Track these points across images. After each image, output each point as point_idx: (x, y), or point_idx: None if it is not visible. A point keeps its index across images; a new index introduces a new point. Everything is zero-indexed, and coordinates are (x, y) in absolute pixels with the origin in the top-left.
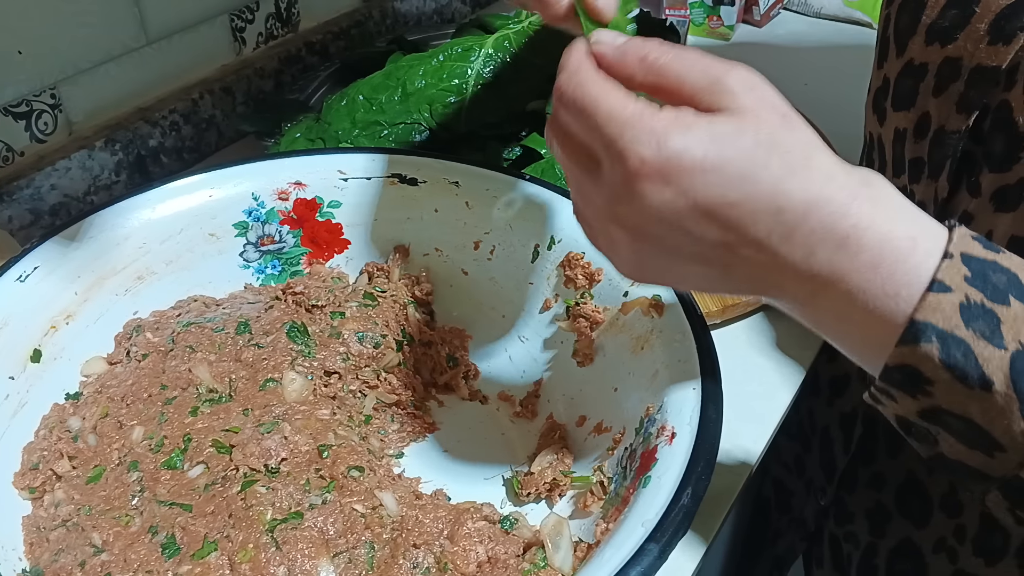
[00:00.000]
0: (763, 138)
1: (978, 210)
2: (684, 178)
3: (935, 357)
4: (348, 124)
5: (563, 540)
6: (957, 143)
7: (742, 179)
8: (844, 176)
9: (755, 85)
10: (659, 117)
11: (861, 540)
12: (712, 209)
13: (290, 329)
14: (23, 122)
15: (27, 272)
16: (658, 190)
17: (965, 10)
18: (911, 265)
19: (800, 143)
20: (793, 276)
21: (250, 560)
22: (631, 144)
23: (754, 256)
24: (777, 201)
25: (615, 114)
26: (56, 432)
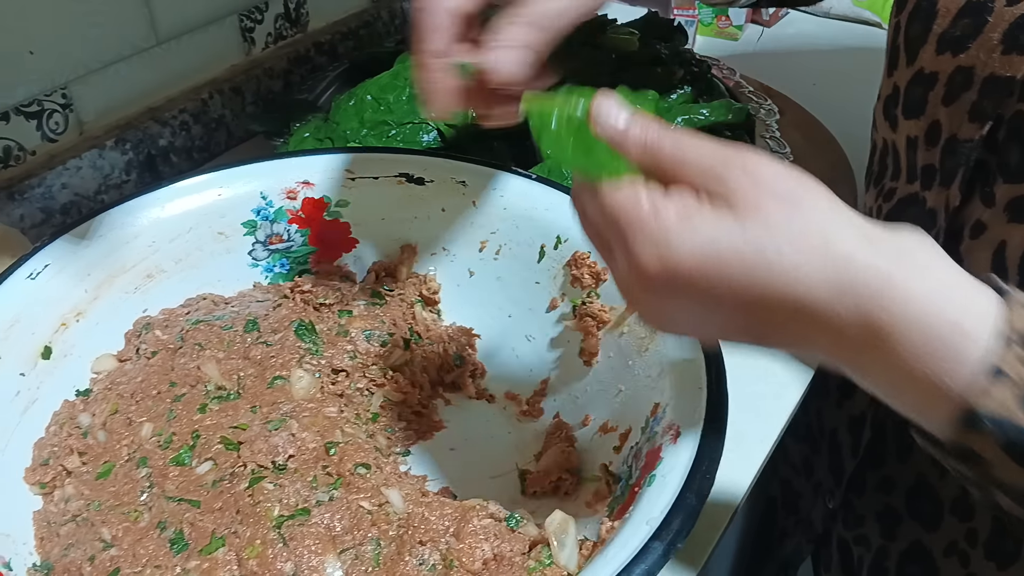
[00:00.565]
0: (770, 231)
1: (992, 220)
2: (687, 281)
3: (994, 443)
4: (356, 124)
5: (569, 538)
6: (970, 152)
7: (751, 276)
8: (872, 254)
9: (753, 171)
10: (660, 217)
11: (873, 543)
12: (723, 302)
13: (298, 327)
14: (34, 121)
15: (38, 270)
16: (669, 292)
17: (978, 20)
18: (960, 352)
19: (814, 224)
20: (830, 348)
21: (257, 556)
22: (635, 247)
23: (783, 329)
24: (793, 293)
25: (620, 210)
26: (66, 428)
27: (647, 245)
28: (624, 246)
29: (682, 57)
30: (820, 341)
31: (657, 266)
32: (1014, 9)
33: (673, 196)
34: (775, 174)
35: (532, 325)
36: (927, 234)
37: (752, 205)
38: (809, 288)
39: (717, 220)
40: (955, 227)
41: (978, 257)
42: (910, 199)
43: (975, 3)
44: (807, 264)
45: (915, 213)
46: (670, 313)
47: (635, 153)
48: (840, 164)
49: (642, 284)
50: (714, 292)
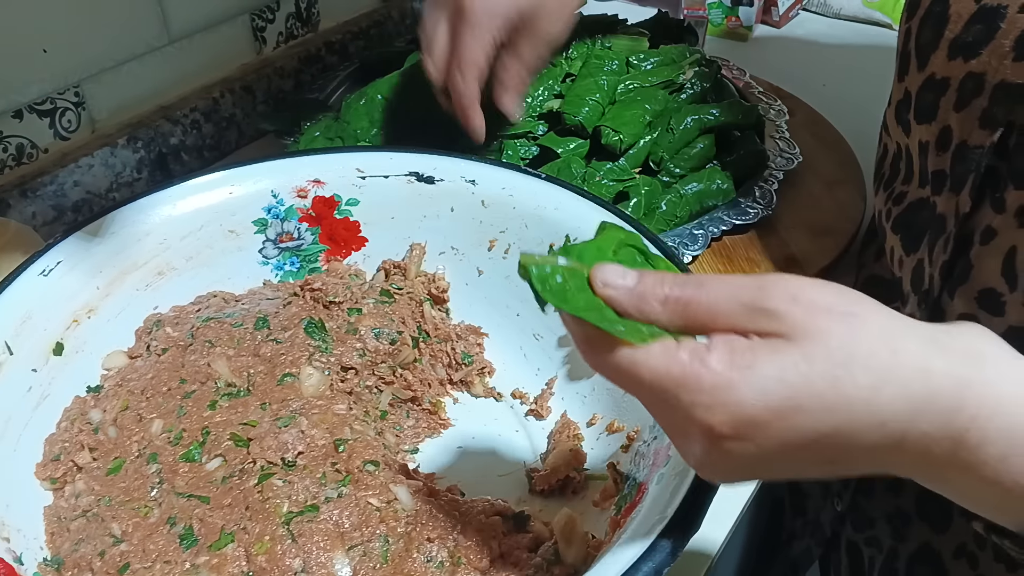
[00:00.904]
0: (836, 355)
1: (1002, 226)
2: (765, 432)
3: None
4: (367, 123)
5: (576, 536)
6: (980, 158)
7: (829, 409)
8: (943, 360)
9: (797, 294)
10: (712, 370)
11: (884, 544)
12: (806, 445)
13: (308, 325)
14: (47, 120)
15: (50, 267)
16: (739, 447)
17: (990, 25)
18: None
19: (879, 339)
20: (912, 468)
21: (266, 552)
22: (694, 409)
23: (866, 463)
24: (876, 417)
25: (663, 375)
26: (77, 424)
27: (708, 404)
28: (682, 414)
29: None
30: (906, 461)
31: (727, 423)
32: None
33: (717, 345)
34: (822, 294)
35: (540, 324)
36: (987, 329)
37: (811, 333)
38: (891, 411)
39: (778, 357)
40: (965, 233)
41: (988, 263)
42: (920, 203)
43: (987, 9)
44: (885, 386)
45: (925, 217)
46: (752, 469)
47: (659, 311)
48: (849, 164)
49: (717, 449)
50: (794, 436)
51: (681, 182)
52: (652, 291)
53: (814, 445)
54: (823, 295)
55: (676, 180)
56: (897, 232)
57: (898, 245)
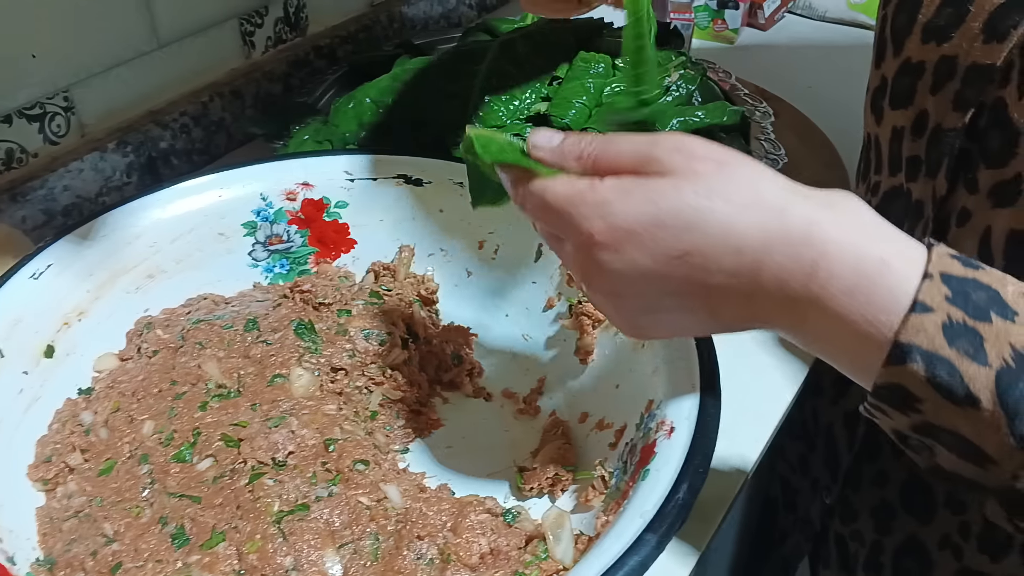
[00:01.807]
0: (701, 187)
1: (976, 206)
2: (634, 241)
3: (921, 376)
4: (355, 126)
5: (564, 533)
6: (954, 140)
7: (688, 229)
8: (801, 202)
9: (681, 145)
10: (599, 189)
11: (867, 538)
12: (669, 262)
13: (298, 326)
14: (36, 124)
15: (40, 270)
16: (615, 257)
17: (960, 8)
18: (887, 288)
19: (744, 179)
20: (774, 308)
21: (257, 550)
22: (580, 220)
23: (729, 296)
24: (730, 242)
25: (561, 195)
26: (69, 426)
27: (588, 215)
28: (568, 225)
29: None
30: (766, 299)
31: (602, 231)
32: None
33: (608, 177)
34: (704, 144)
35: (529, 324)
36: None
37: (684, 170)
38: (747, 239)
39: (652, 184)
40: (942, 216)
41: (965, 245)
42: (895, 192)
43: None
44: (741, 215)
45: (902, 206)
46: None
47: (574, 165)
48: (834, 165)
49: (594, 256)
50: (658, 251)
51: None
52: (571, 148)
53: (678, 264)
54: (703, 146)
55: None
56: None
57: None
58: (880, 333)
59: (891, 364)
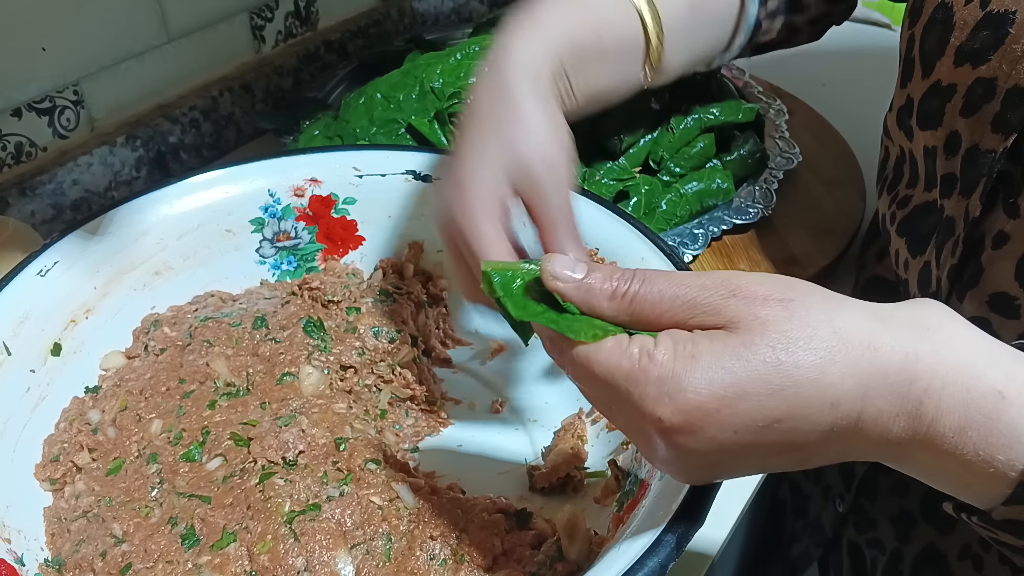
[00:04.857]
0: (776, 339)
1: (1016, 231)
2: (712, 419)
3: None
4: (366, 122)
5: (578, 533)
6: (993, 163)
7: (775, 393)
8: (889, 335)
9: (735, 288)
10: (657, 363)
11: (887, 546)
12: (758, 432)
13: (306, 324)
14: (46, 118)
15: (48, 267)
16: (690, 439)
17: (999, 31)
18: (1007, 424)
19: (819, 318)
20: (874, 451)
21: (269, 551)
22: (642, 400)
23: (826, 450)
24: (825, 398)
25: (614, 369)
26: (76, 425)
27: (655, 396)
28: (631, 407)
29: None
30: (866, 443)
31: (675, 414)
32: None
33: (663, 339)
34: (760, 285)
35: None
36: (939, 303)
37: (749, 322)
38: (842, 390)
39: (718, 346)
40: (975, 237)
41: (1000, 267)
42: (927, 207)
43: (994, 15)
44: (830, 365)
45: (932, 221)
46: (706, 458)
47: (606, 306)
48: (849, 164)
49: (666, 441)
50: (743, 423)
51: (681, 181)
52: (600, 285)
53: (768, 432)
54: (760, 286)
55: (676, 179)
56: (902, 235)
57: (903, 248)
58: (999, 470)
59: (1014, 503)
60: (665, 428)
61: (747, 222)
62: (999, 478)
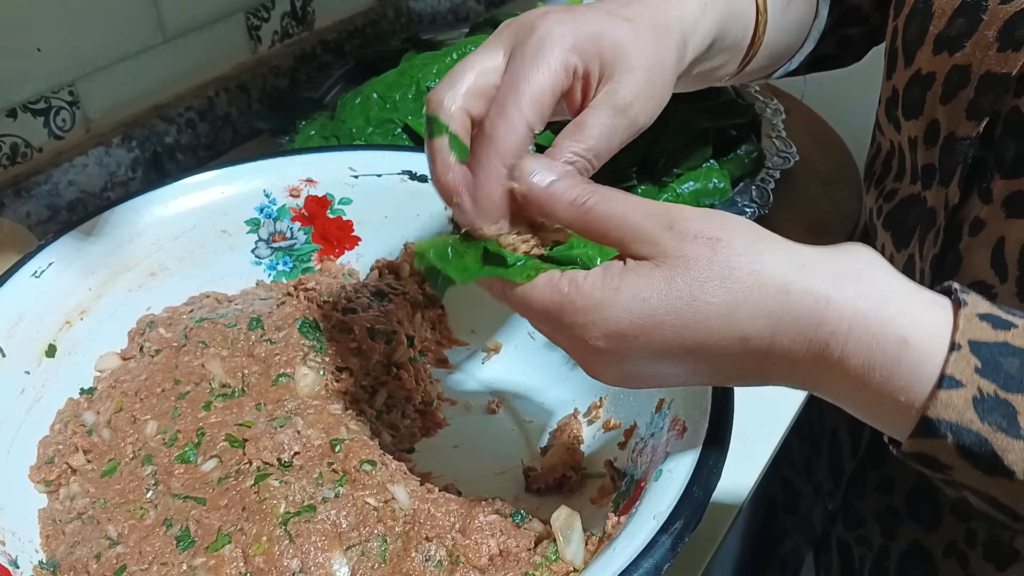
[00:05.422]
0: (695, 276)
1: (990, 216)
2: (633, 344)
3: (951, 448)
4: (362, 122)
5: (574, 533)
6: (967, 149)
7: (688, 326)
8: (807, 277)
9: (674, 221)
10: (585, 291)
11: (874, 543)
12: (675, 356)
13: (302, 325)
14: (41, 119)
15: (42, 268)
16: (616, 359)
17: (973, 18)
18: (908, 368)
19: (741, 259)
20: (788, 376)
21: (264, 552)
22: (572, 329)
23: (741, 373)
24: (734, 333)
25: (547, 302)
26: (71, 426)
27: (582, 323)
28: (564, 332)
29: None
30: (776, 372)
31: (599, 338)
32: (1008, 7)
33: (594, 273)
34: (699, 218)
35: None
36: (869, 247)
37: (676, 257)
38: (751, 328)
39: (642, 279)
40: (954, 225)
41: (977, 254)
42: (911, 200)
43: (970, 3)
44: (742, 304)
45: (916, 213)
46: (634, 375)
47: (562, 210)
48: (846, 164)
49: (597, 359)
50: (661, 347)
51: (678, 181)
52: (563, 192)
53: (685, 356)
54: (695, 222)
55: (673, 179)
56: (888, 229)
57: (889, 242)
58: (903, 407)
59: (919, 436)
60: (593, 349)
61: None
62: (902, 415)
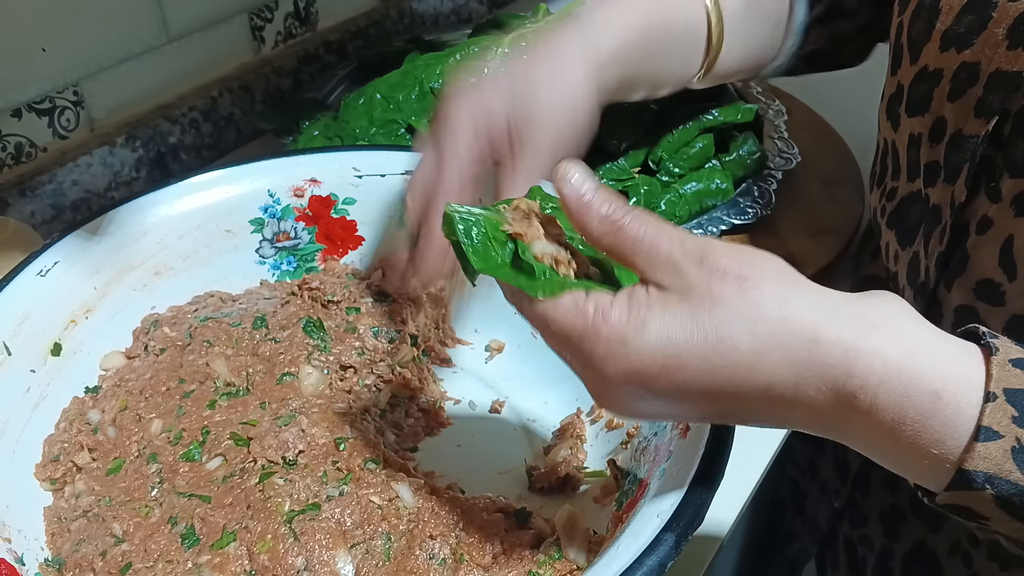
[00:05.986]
0: (721, 317)
1: (998, 215)
2: (653, 384)
3: (988, 500)
4: (366, 122)
5: (577, 532)
6: (975, 148)
7: (712, 371)
8: (836, 326)
9: (705, 256)
10: (609, 324)
11: (876, 543)
12: (695, 399)
13: (306, 324)
14: (46, 119)
15: (48, 267)
16: (633, 394)
17: (982, 15)
18: (942, 420)
19: (769, 302)
20: (811, 424)
21: (269, 550)
22: (591, 358)
23: (762, 416)
24: (758, 380)
25: (568, 327)
26: (76, 425)
27: (603, 355)
28: (581, 360)
29: None
30: (799, 421)
31: (619, 373)
32: (1018, 4)
33: (620, 299)
34: (728, 255)
35: None
36: (896, 295)
37: (703, 294)
38: (777, 377)
39: (668, 315)
40: (960, 223)
41: (985, 252)
42: (913, 197)
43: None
44: (769, 352)
45: (919, 211)
46: (646, 410)
47: (594, 224)
48: (848, 164)
49: (610, 391)
50: (680, 389)
51: (680, 182)
52: (597, 205)
53: (703, 399)
54: (725, 259)
55: (675, 180)
56: (892, 228)
57: (893, 240)
58: (937, 460)
59: (955, 489)
60: (610, 382)
61: (746, 222)
62: (935, 468)
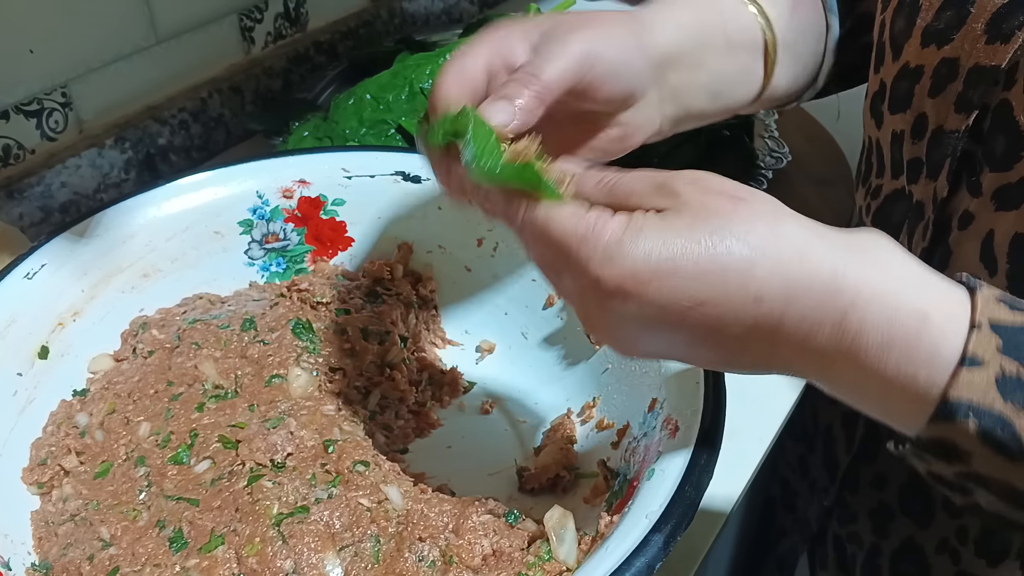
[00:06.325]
0: (716, 227)
1: (979, 210)
2: (643, 289)
3: (972, 432)
4: (356, 123)
5: (568, 533)
6: (956, 143)
7: (703, 275)
8: (826, 247)
9: (698, 178)
10: (610, 226)
11: (864, 540)
12: (682, 312)
13: (295, 326)
14: (34, 120)
15: (35, 269)
16: (621, 305)
17: (961, 11)
18: (929, 342)
19: (762, 219)
20: (797, 357)
21: (257, 553)
22: (586, 262)
23: (748, 345)
24: (749, 290)
25: (568, 230)
26: (64, 428)
27: (599, 259)
28: (575, 265)
29: None
30: (789, 348)
31: (610, 277)
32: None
33: (620, 213)
34: (721, 180)
35: (528, 322)
36: (884, 232)
37: (699, 208)
38: (767, 287)
39: (665, 224)
40: (943, 219)
41: (967, 247)
42: (896, 195)
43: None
44: (761, 260)
45: (903, 208)
46: (633, 332)
47: (590, 186)
48: (838, 164)
49: (599, 301)
50: (670, 298)
51: None
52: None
53: (692, 313)
54: (720, 182)
55: None
56: (877, 226)
57: None
58: (922, 388)
59: (938, 420)
60: (600, 289)
61: None
62: (920, 398)
